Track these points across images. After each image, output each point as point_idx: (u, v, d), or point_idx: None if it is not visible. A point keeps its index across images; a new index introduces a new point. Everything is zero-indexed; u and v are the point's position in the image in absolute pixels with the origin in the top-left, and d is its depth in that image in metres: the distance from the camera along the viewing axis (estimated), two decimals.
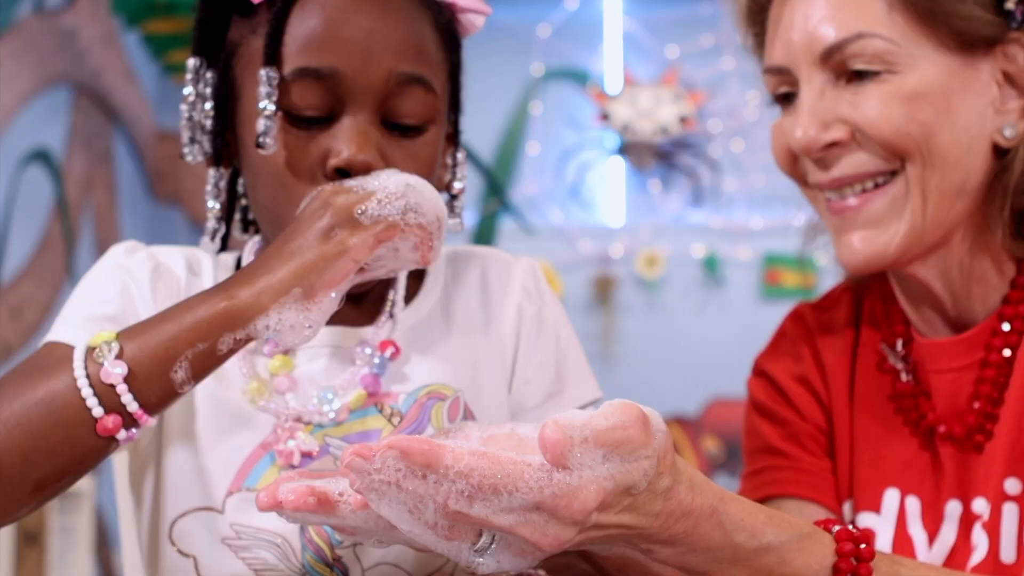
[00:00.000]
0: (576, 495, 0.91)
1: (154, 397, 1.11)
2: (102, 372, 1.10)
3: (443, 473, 0.89)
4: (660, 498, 0.96)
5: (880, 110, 1.30)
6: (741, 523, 1.03)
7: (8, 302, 4.04)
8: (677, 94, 5.37)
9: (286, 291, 1.13)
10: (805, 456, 1.43)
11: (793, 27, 1.34)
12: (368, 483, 0.91)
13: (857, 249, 1.33)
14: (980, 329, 1.35)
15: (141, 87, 5.00)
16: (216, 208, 1.33)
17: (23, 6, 4.17)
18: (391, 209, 1.17)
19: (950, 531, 1.34)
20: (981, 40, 1.31)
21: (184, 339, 1.12)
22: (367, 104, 1.23)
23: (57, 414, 1.09)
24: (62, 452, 1.10)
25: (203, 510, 1.24)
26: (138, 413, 1.10)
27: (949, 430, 1.35)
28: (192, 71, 1.30)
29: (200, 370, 1.13)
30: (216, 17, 1.30)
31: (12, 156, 4.09)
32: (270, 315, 1.13)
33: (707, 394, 5.21)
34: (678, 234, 5.38)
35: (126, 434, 1.11)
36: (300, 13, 1.23)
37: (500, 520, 0.90)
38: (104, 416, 1.09)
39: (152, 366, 1.11)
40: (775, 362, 1.48)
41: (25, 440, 1.09)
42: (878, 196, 1.32)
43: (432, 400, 1.27)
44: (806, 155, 1.34)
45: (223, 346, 1.13)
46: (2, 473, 1.08)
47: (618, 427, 0.93)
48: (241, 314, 1.13)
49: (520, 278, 1.39)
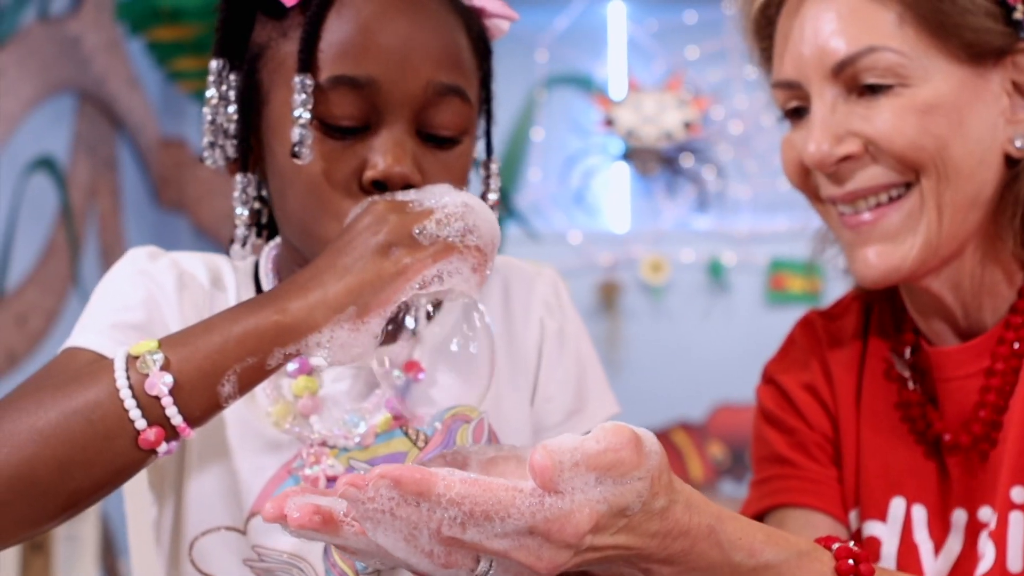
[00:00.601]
0: (569, 519, 0.91)
1: (198, 411, 1.08)
2: (147, 383, 1.07)
3: (435, 501, 0.89)
4: (656, 518, 0.96)
5: (893, 123, 1.29)
6: (739, 542, 1.02)
7: (13, 309, 4.04)
8: (682, 100, 5.37)
9: (341, 309, 1.10)
10: (812, 465, 1.43)
11: (803, 41, 1.33)
12: (363, 512, 0.91)
13: (873, 263, 1.33)
14: (987, 337, 1.35)
15: (145, 94, 5.00)
16: (244, 215, 1.27)
17: (27, 13, 4.18)
18: (450, 230, 1.13)
19: (956, 540, 1.34)
20: (991, 51, 1.31)
21: (233, 353, 1.08)
22: (404, 114, 1.20)
23: (97, 424, 1.06)
24: (100, 464, 1.07)
25: (226, 530, 1.24)
26: (181, 427, 1.07)
27: (955, 439, 1.35)
28: (215, 73, 1.27)
29: (247, 384, 1.10)
30: (241, 18, 1.27)
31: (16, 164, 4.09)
32: (323, 332, 1.10)
33: (713, 400, 5.21)
34: (683, 240, 5.38)
35: (166, 447, 1.08)
36: (336, 18, 1.20)
37: (494, 545, 0.91)
38: (147, 428, 1.06)
39: (199, 379, 1.08)
40: (784, 370, 1.48)
41: (62, 450, 1.05)
42: (893, 210, 1.32)
43: (458, 422, 1.25)
44: (819, 170, 1.33)
45: (273, 361, 1.09)
46: (37, 483, 1.05)
47: (609, 450, 0.92)
48: (294, 330, 1.10)
49: (542, 292, 1.38)
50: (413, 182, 1.20)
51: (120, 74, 4.80)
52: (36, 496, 1.06)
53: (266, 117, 1.24)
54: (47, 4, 4.30)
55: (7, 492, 1.05)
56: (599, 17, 5.53)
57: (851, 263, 1.36)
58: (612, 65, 5.51)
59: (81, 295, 4.37)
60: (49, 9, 4.32)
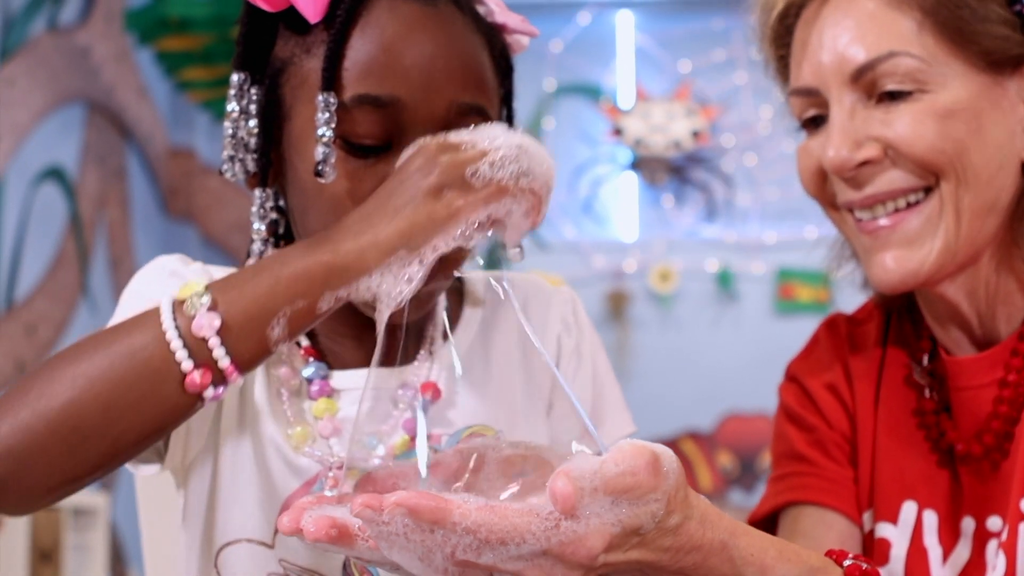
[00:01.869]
0: (583, 542, 0.92)
1: (247, 353, 1.07)
2: (194, 324, 1.05)
3: (450, 528, 0.90)
4: (670, 534, 0.97)
5: (913, 127, 1.29)
6: (751, 558, 1.03)
7: (23, 319, 4.04)
8: (690, 109, 5.37)
9: (392, 251, 1.08)
10: (829, 464, 1.43)
11: (822, 48, 1.33)
12: (378, 532, 0.91)
13: (891, 268, 1.33)
14: (1001, 348, 1.35)
15: (154, 104, 5.01)
16: (262, 230, 1.26)
17: (36, 24, 4.19)
18: (504, 172, 1.11)
19: (965, 548, 1.34)
20: (1009, 60, 1.31)
21: (283, 294, 1.06)
22: (427, 134, 1.18)
23: (142, 367, 1.04)
24: (145, 408, 1.05)
25: (254, 543, 1.24)
26: (228, 369, 1.06)
27: (967, 449, 1.35)
28: (236, 86, 1.25)
29: (297, 327, 1.08)
30: (263, 31, 1.25)
31: (26, 174, 4.10)
32: (373, 275, 1.08)
33: (721, 409, 5.20)
34: (691, 249, 5.38)
35: (213, 392, 1.07)
36: (360, 36, 1.19)
37: (508, 566, 0.92)
38: (193, 370, 1.05)
39: (247, 321, 1.06)
40: (807, 369, 1.49)
41: (106, 393, 1.04)
42: (912, 215, 1.32)
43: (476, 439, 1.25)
44: (839, 175, 1.33)
45: (324, 304, 1.07)
46: (79, 427, 1.04)
47: (627, 473, 0.93)
48: (346, 271, 1.08)
49: (559, 309, 1.37)
50: None
51: (129, 84, 4.81)
52: (78, 442, 1.04)
53: (288, 133, 1.23)
54: (56, 14, 4.31)
55: (49, 437, 1.04)
56: (607, 26, 5.53)
57: (868, 269, 1.36)
58: (620, 74, 5.51)
59: (90, 305, 4.38)
60: (58, 19, 4.33)
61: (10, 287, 3.99)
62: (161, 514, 1.46)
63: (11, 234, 4.01)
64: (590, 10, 5.48)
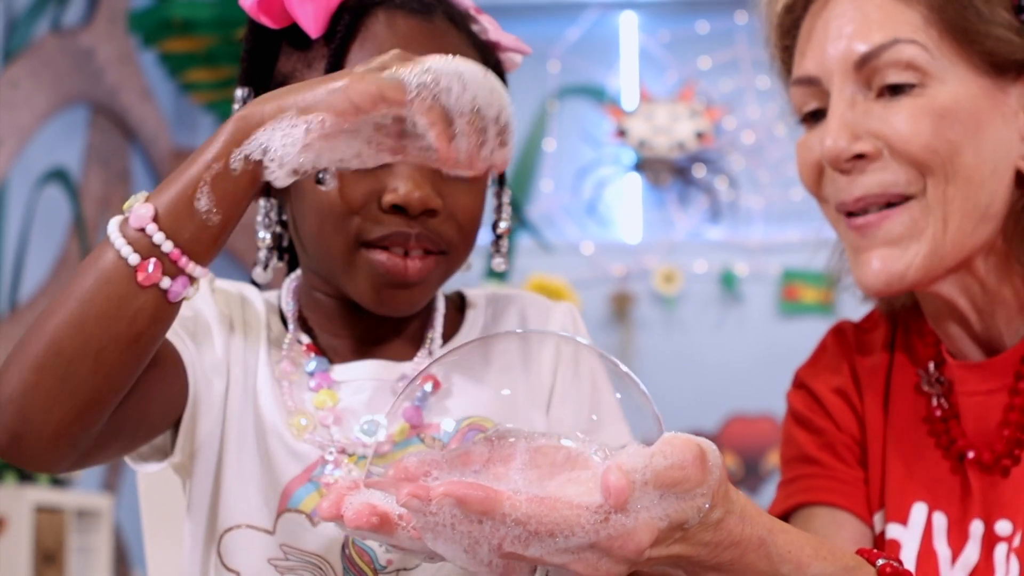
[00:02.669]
0: (631, 536, 0.92)
1: (186, 232, 1.07)
2: (131, 219, 1.06)
3: (500, 519, 0.90)
4: (711, 529, 0.98)
5: (910, 125, 1.29)
6: (788, 555, 1.04)
7: (26, 320, 4.04)
8: (694, 110, 5.37)
9: (285, 108, 1.07)
10: (839, 465, 1.44)
11: (827, 38, 1.34)
12: (424, 523, 0.91)
13: (876, 269, 1.33)
14: (1008, 355, 1.35)
15: (158, 106, 5.01)
16: (267, 239, 1.30)
17: (40, 25, 4.19)
18: (420, 78, 1.07)
19: (973, 550, 1.34)
20: (1012, 64, 1.31)
21: (202, 164, 1.07)
22: None
23: (99, 276, 1.07)
24: (112, 315, 1.06)
25: (256, 529, 1.25)
26: (174, 254, 1.06)
27: (978, 456, 1.35)
28: (240, 101, 1.30)
29: (221, 195, 1.08)
30: (266, 48, 1.30)
31: (30, 175, 4.10)
32: (265, 129, 1.07)
33: (725, 411, 5.20)
34: (695, 250, 5.38)
35: (171, 283, 1.07)
36: (359, 49, 1.25)
37: (555, 559, 0.92)
38: (141, 263, 1.06)
39: (176, 200, 1.07)
40: (815, 375, 1.49)
41: (76, 311, 1.07)
42: (898, 213, 1.32)
43: (473, 432, 1.27)
44: (833, 166, 1.33)
45: (235, 163, 1.07)
46: (62, 350, 1.07)
47: (676, 466, 0.94)
48: (246, 123, 1.08)
49: (559, 319, 1.40)
50: (433, 206, 1.23)
51: (133, 86, 4.81)
52: (64, 367, 1.07)
53: None
54: (60, 16, 4.32)
55: (39, 372, 1.07)
56: (611, 28, 5.54)
57: (855, 270, 1.36)
58: (624, 76, 5.52)
59: None
60: (62, 21, 4.34)
61: (14, 289, 3.99)
62: (164, 516, 1.47)
63: (15, 236, 4.01)
64: (594, 11, 5.48)
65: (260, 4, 1.28)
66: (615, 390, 1.28)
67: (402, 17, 1.27)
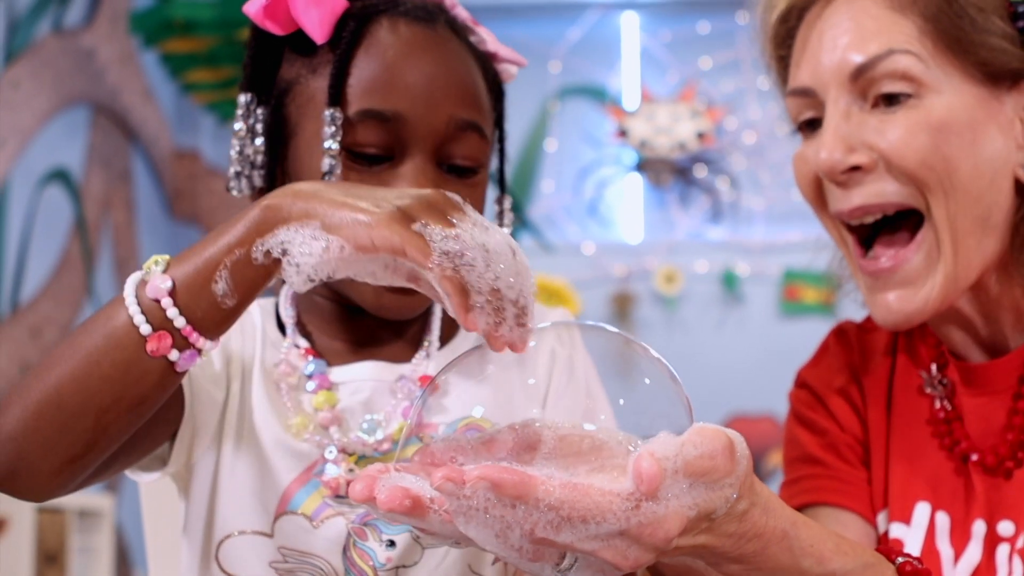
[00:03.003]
0: (661, 524, 0.92)
1: (199, 311, 1.07)
2: (148, 288, 1.07)
3: (533, 504, 0.90)
4: (736, 520, 0.99)
5: (906, 139, 1.29)
6: (810, 548, 1.05)
7: (28, 321, 4.05)
8: (695, 110, 5.37)
9: (313, 216, 1.05)
10: (842, 465, 1.44)
11: (822, 48, 1.34)
12: (457, 507, 0.92)
13: (895, 309, 1.33)
14: (1012, 357, 1.35)
15: (159, 106, 5.01)
16: None
17: (41, 26, 4.19)
18: (446, 246, 1.05)
19: (975, 550, 1.34)
20: (1007, 73, 1.31)
21: (225, 246, 1.07)
22: (427, 147, 1.27)
23: (108, 337, 1.07)
24: (117, 378, 1.06)
25: (253, 534, 1.26)
26: (186, 330, 1.06)
27: (982, 459, 1.35)
28: (243, 107, 1.32)
29: (240, 280, 1.07)
30: (269, 55, 1.33)
31: (31, 176, 4.10)
32: (289, 228, 1.06)
33: (726, 411, 5.20)
34: (696, 250, 5.38)
35: (179, 356, 1.07)
36: (364, 56, 1.27)
37: (585, 546, 0.92)
38: (152, 334, 1.06)
39: (195, 277, 1.06)
40: (817, 375, 1.49)
41: (82, 368, 1.07)
42: (911, 253, 1.32)
43: (471, 431, 1.27)
44: (829, 177, 1.34)
45: (257, 253, 1.06)
46: (63, 405, 1.07)
47: (706, 456, 0.94)
48: (273, 216, 1.06)
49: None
50: None
51: (134, 86, 4.81)
52: (65, 420, 1.07)
53: (293, 149, 1.30)
54: (61, 16, 4.32)
55: (40, 418, 1.07)
56: (612, 28, 5.54)
57: (871, 307, 1.36)
58: (625, 76, 5.52)
59: (95, 307, 4.38)
60: (63, 21, 4.34)
61: (15, 289, 4.00)
62: (166, 516, 1.47)
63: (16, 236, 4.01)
64: (595, 11, 5.48)
65: (266, 10, 1.30)
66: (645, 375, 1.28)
67: (405, 24, 1.30)
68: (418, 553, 1.26)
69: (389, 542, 1.25)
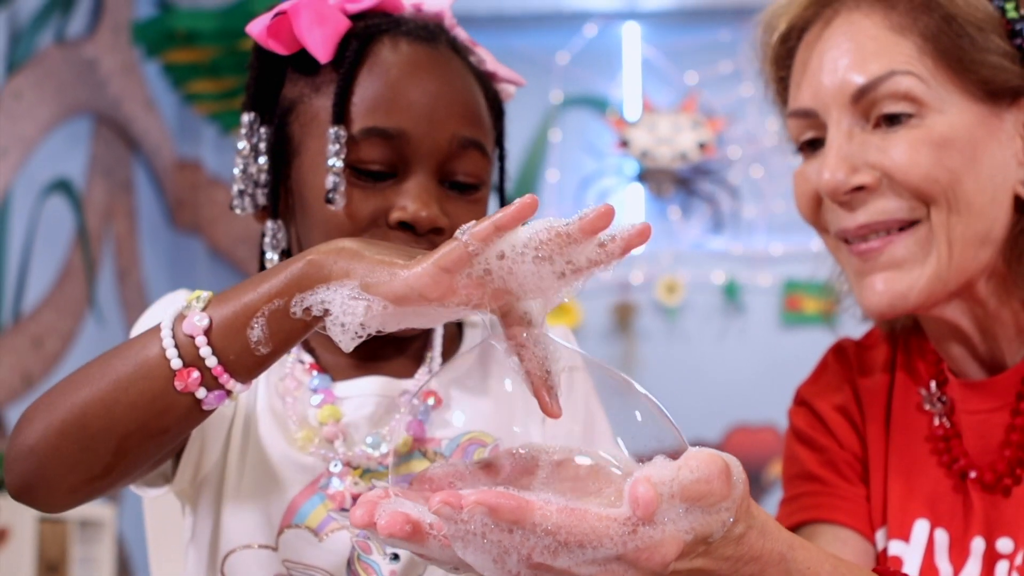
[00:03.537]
0: (658, 549, 0.93)
1: (232, 354, 1.07)
2: (185, 323, 1.07)
3: (530, 529, 0.91)
4: (733, 543, 0.99)
5: (909, 156, 1.30)
6: (807, 571, 1.05)
7: (29, 332, 4.05)
8: (696, 121, 5.37)
9: (353, 275, 1.03)
10: (842, 483, 1.44)
11: (822, 70, 1.34)
12: (455, 531, 0.92)
13: (880, 291, 1.33)
14: (1010, 374, 1.35)
15: (161, 116, 5.02)
16: (275, 260, 1.33)
17: (44, 36, 4.20)
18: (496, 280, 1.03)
19: (974, 567, 1.34)
20: (1007, 91, 1.32)
21: (264, 294, 1.06)
22: (430, 164, 1.28)
23: (139, 366, 1.08)
24: (143, 406, 1.07)
25: (259, 548, 1.27)
26: (217, 370, 1.07)
27: (980, 476, 1.35)
28: (246, 126, 1.34)
29: (276, 330, 1.06)
30: (272, 75, 1.34)
31: (33, 186, 4.11)
32: (329, 288, 1.04)
33: (728, 421, 5.20)
34: (698, 260, 5.38)
35: (207, 394, 1.07)
36: (367, 75, 1.29)
37: (582, 570, 0.93)
38: (182, 369, 1.06)
39: (232, 320, 1.06)
40: (816, 393, 1.50)
41: (109, 392, 1.08)
42: (901, 238, 1.32)
43: (474, 446, 1.29)
44: (832, 199, 1.34)
45: (296, 307, 1.05)
46: (86, 427, 1.08)
47: (702, 480, 0.94)
48: (316, 272, 1.05)
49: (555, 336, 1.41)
50: (441, 225, 1.27)
51: (136, 97, 4.82)
52: (87, 441, 1.08)
53: (297, 167, 1.32)
54: (64, 27, 4.33)
55: (62, 437, 1.08)
56: (614, 38, 5.54)
57: (858, 293, 1.36)
58: (627, 86, 5.51)
59: (97, 317, 4.38)
60: (66, 32, 4.34)
61: (17, 300, 4.00)
62: (168, 527, 1.48)
63: (18, 247, 4.02)
64: (597, 22, 5.48)
65: (270, 31, 1.31)
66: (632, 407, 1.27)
67: (407, 44, 1.31)
68: (422, 567, 1.26)
69: (393, 555, 1.26)
